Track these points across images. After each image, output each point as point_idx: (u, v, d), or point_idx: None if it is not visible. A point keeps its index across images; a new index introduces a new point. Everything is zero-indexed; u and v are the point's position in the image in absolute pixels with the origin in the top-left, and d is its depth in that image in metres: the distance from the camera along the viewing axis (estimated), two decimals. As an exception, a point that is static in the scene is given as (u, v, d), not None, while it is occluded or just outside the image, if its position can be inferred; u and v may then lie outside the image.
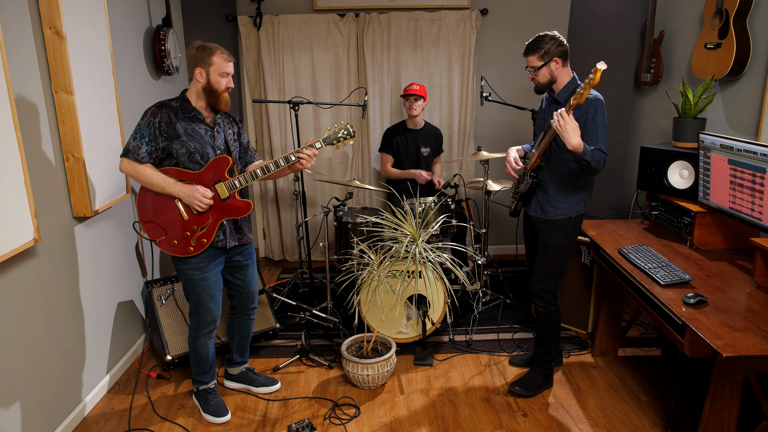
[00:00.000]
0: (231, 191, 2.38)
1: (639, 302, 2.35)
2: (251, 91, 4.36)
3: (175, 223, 2.35)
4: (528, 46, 2.49)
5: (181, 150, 2.30)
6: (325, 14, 4.17)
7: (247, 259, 2.61)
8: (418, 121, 3.85)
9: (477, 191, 4.32)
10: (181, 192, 2.29)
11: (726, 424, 1.96)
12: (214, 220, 2.37)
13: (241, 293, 2.67)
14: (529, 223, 2.74)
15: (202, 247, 2.36)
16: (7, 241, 2.02)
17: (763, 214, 2.24)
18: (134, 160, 2.27)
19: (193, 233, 2.35)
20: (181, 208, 2.34)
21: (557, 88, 2.52)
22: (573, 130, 2.27)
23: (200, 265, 2.40)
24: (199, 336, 2.52)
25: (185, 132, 2.31)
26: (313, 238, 4.36)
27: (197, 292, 2.44)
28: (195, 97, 2.36)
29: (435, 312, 3.09)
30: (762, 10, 2.76)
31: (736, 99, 2.96)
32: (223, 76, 2.31)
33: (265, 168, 2.41)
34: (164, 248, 2.36)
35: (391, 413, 2.62)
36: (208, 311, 2.48)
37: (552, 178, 2.56)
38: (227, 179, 2.37)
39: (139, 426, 2.54)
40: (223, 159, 2.36)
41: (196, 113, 2.35)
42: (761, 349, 1.71)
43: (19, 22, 2.19)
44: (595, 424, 2.50)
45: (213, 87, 2.31)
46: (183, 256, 2.36)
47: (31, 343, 2.24)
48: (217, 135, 2.41)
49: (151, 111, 2.29)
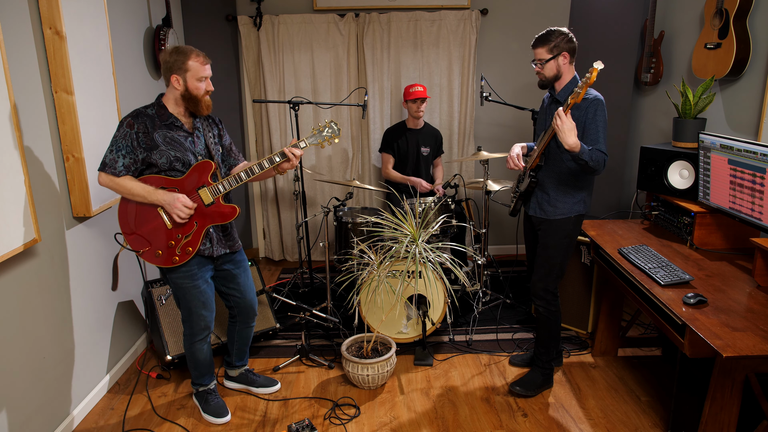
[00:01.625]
0: (215, 196, 2.30)
1: (639, 302, 2.35)
2: (251, 91, 4.36)
3: (159, 232, 2.28)
4: (538, 38, 2.47)
5: (161, 159, 2.23)
6: (325, 14, 4.17)
7: (237, 267, 2.53)
8: (418, 122, 3.86)
9: (477, 191, 4.32)
10: (162, 200, 2.23)
11: (726, 424, 1.96)
12: (198, 227, 2.30)
13: (239, 304, 2.60)
14: (529, 223, 2.74)
15: (187, 256, 2.30)
16: (7, 241, 2.02)
17: (763, 214, 2.24)
18: (111, 173, 2.20)
19: (177, 242, 2.28)
20: (164, 216, 2.27)
21: (558, 87, 2.52)
22: (570, 129, 2.27)
23: (190, 272, 2.34)
24: (194, 342, 2.48)
25: (164, 141, 2.23)
26: (313, 238, 4.36)
27: (188, 300, 2.39)
28: (173, 103, 2.27)
29: (435, 312, 3.09)
30: (762, 10, 2.76)
31: (736, 99, 2.96)
32: (201, 81, 2.22)
33: (249, 171, 2.33)
34: (148, 259, 2.29)
35: (391, 413, 2.62)
36: (201, 318, 2.43)
37: (551, 177, 2.56)
38: (210, 184, 2.30)
39: (139, 426, 2.54)
40: (206, 164, 2.30)
41: (174, 120, 2.26)
42: (761, 349, 1.71)
43: (19, 22, 2.19)
44: (595, 424, 2.50)
45: (192, 93, 2.22)
46: (169, 266, 2.31)
47: (30, 343, 2.24)
48: (197, 140, 2.33)
49: (127, 122, 2.20)
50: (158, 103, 2.28)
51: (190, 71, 2.20)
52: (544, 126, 2.62)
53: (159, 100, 2.29)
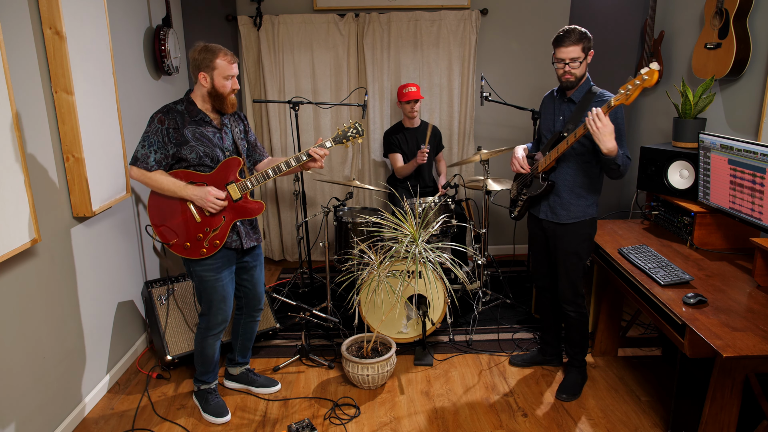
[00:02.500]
0: (243, 192, 2.37)
1: (639, 302, 2.35)
2: (251, 91, 4.36)
3: (188, 225, 2.34)
4: (568, 35, 2.32)
5: (191, 155, 2.29)
6: (325, 14, 4.17)
7: (255, 260, 2.60)
8: (414, 121, 3.88)
9: (477, 191, 4.32)
10: (193, 195, 2.29)
11: (726, 424, 1.96)
12: (226, 221, 2.37)
13: (248, 294, 2.66)
14: (537, 226, 2.68)
15: (215, 248, 2.36)
16: (7, 241, 2.02)
17: (763, 214, 2.24)
18: (143, 168, 2.27)
19: (206, 235, 2.35)
20: (194, 211, 2.33)
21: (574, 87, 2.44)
22: (611, 132, 2.16)
23: (215, 266, 2.39)
24: (208, 336, 2.51)
25: (193, 136, 2.29)
26: (313, 238, 4.35)
27: (210, 293, 2.43)
28: (201, 100, 2.33)
29: (435, 312, 3.09)
30: (762, 10, 2.76)
31: (736, 99, 2.96)
32: (227, 79, 2.27)
33: (276, 168, 2.39)
34: (177, 251, 2.35)
35: (391, 413, 2.62)
36: (220, 311, 2.48)
37: (565, 180, 2.50)
38: (239, 180, 2.37)
39: (139, 426, 2.54)
40: (234, 160, 2.36)
41: (203, 116, 2.32)
42: (761, 349, 1.71)
43: (19, 22, 2.19)
44: (595, 424, 2.50)
45: (218, 91, 2.28)
46: (196, 258, 2.36)
47: (31, 343, 2.24)
48: (225, 136, 2.40)
49: (158, 118, 2.27)
50: (187, 99, 2.33)
51: (217, 69, 2.25)
52: (552, 127, 2.55)
53: (188, 96, 2.34)
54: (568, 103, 2.47)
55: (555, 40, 2.38)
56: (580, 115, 2.39)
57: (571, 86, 2.42)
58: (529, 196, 2.62)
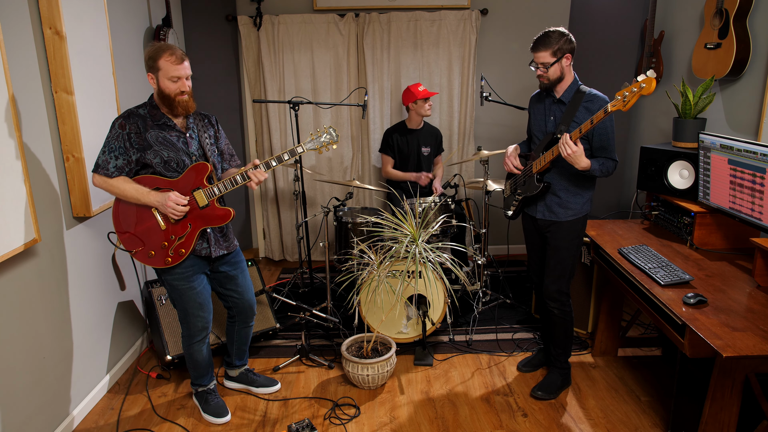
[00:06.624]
0: (210, 199, 2.29)
1: (639, 302, 2.35)
2: (251, 91, 4.36)
3: (153, 233, 2.27)
4: (538, 40, 2.40)
5: (155, 159, 2.22)
6: (325, 14, 4.17)
7: (234, 268, 2.51)
8: (418, 121, 3.86)
9: (477, 191, 4.32)
10: (155, 201, 2.21)
11: (726, 424, 1.96)
12: (192, 228, 2.29)
13: (237, 305, 2.59)
14: (533, 226, 2.69)
15: (180, 257, 2.28)
16: (7, 241, 2.02)
17: (763, 214, 2.24)
18: (104, 175, 2.20)
19: (170, 243, 2.27)
20: (159, 218, 2.26)
21: (561, 89, 2.47)
22: (580, 154, 2.28)
23: (185, 274, 2.33)
24: (192, 344, 2.48)
25: (156, 141, 2.21)
26: (313, 238, 4.36)
27: (184, 302, 2.38)
28: (159, 102, 2.24)
29: (435, 312, 3.09)
30: (762, 10, 2.76)
31: (736, 99, 2.96)
32: (173, 81, 2.15)
33: (243, 175, 2.30)
34: (141, 259, 2.28)
35: (391, 413, 2.62)
36: (198, 318, 2.42)
37: (561, 180, 2.51)
38: (206, 186, 2.28)
39: (139, 426, 2.54)
40: (202, 166, 2.28)
41: (166, 120, 2.24)
42: (761, 349, 1.71)
43: (19, 22, 2.19)
44: (595, 424, 2.50)
45: (164, 92, 2.17)
46: (161, 267, 2.30)
47: (31, 343, 2.24)
48: (191, 141, 2.30)
49: (119, 123, 2.18)
50: (150, 103, 2.26)
51: (161, 70, 2.15)
52: (543, 128, 2.56)
53: (151, 99, 2.27)
54: (558, 104, 2.50)
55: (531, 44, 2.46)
56: (571, 116, 2.43)
57: (546, 89, 2.51)
58: (524, 196, 2.63)
